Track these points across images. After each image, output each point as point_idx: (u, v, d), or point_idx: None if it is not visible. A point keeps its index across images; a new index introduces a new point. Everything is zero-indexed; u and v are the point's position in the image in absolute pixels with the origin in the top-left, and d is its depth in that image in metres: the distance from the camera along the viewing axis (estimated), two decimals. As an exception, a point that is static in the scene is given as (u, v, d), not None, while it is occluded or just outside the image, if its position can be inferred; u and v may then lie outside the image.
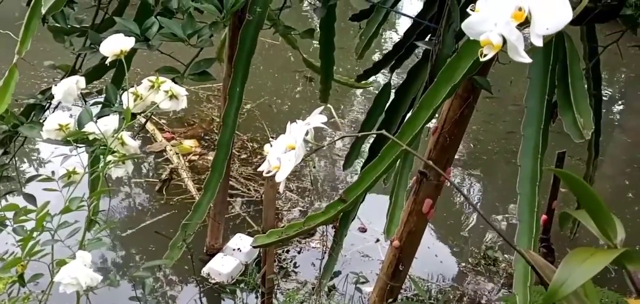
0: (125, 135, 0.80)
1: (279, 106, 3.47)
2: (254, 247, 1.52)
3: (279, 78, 3.78)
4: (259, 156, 2.82)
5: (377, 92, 1.51)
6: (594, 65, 1.20)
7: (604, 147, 3.30)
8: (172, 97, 0.82)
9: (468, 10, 0.65)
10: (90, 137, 0.79)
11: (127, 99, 0.78)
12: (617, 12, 0.97)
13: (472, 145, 3.29)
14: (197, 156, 2.87)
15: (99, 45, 1.41)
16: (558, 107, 0.97)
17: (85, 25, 1.47)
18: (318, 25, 1.66)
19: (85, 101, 1.50)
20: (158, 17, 1.22)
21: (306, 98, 3.54)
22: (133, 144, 0.80)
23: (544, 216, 1.79)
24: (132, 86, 0.89)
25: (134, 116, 0.81)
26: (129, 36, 1.25)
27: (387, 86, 1.46)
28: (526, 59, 0.56)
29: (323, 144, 0.83)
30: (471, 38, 0.63)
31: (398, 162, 1.27)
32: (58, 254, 0.78)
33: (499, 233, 2.11)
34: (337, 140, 2.38)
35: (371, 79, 1.71)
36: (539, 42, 0.55)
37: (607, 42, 1.06)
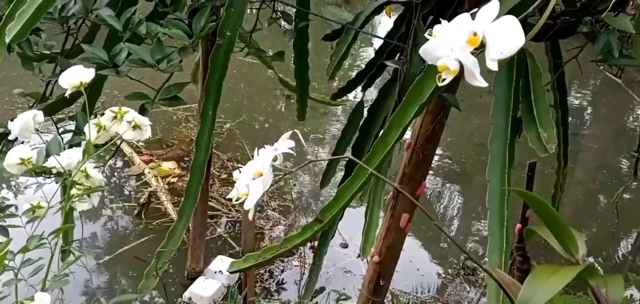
0: (90, 167, 0.79)
1: (260, 124, 3.47)
2: (231, 272, 1.51)
3: (259, 96, 3.78)
4: (238, 176, 2.81)
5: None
6: (559, 78, 1.23)
7: (574, 154, 3.37)
8: (136, 127, 0.81)
9: (425, 35, 0.67)
10: (54, 171, 0.78)
11: (89, 131, 0.78)
12: (575, 28, 0.99)
13: (449, 155, 3.33)
14: (177, 178, 2.85)
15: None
16: (523, 123, 0.99)
17: (56, 52, 1.45)
18: (292, 46, 1.68)
19: (57, 128, 1.49)
20: (127, 43, 1.22)
21: (286, 116, 3.55)
22: (98, 177, 0.80)
23: (518, 225, 1.82)
24: (103, 114, 0.88)
25: (97, 147, 0.80)
26: (98, 63, 1.25)
27: (360, 104, 1.48)
28: (482, 83, 0.57)
29: (292, 169, 0.83)
30: (429, 63, 0.64)
31: (372, 180, 1.28)
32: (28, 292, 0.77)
33: (468, 256, 2.13)
34: (304, 166, 2.38)
35: (350, 96, 1.73)
36: (494, 67, 0.57)
37: (569, 56, 1.09)
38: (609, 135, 4.10)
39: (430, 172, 2.52)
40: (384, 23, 1.40)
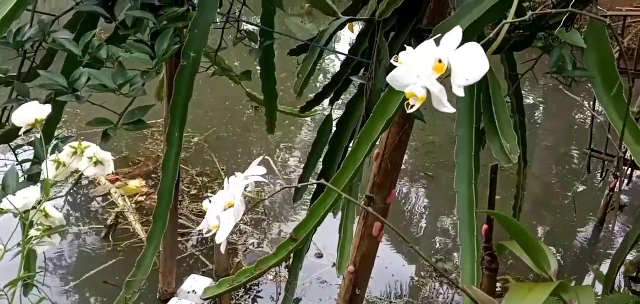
0: (49, 207, 0.76)
1: (229, 136, 3.44)
2: (204, 300, 1.49)
3: (227, 107, 3.75)
4: (209, 191, 2.78)
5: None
6: (516, 86, 1.26)
7: (531, 151, 3.48)
8: (98, 163, 0.80)
9: (392, 61, 0.68)
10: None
11: (46, 170, 0.76)
12: (530, 42, 1.03)
13: (416, 158, 3.38)
14: (145, 196, 2.80)
15: (27, 97, 1.35)
16: (486, 134, 1.02)
17: (12, 75, 1.41)
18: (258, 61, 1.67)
19: (16, 155, 1.44)
20: (87, 68, 1.19)
21: (255, 126, 3.53)
22: (58, 216, 0.77)
23: (485, 226, 1.87)
24: (61, 149, 0.86)
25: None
26: (56, 89, 1.22)
27: (329, 118, 1.49)
28: (450, 109, 0.59)
29: (264, 198, 0.83)
30: (398, 95, 0.65)
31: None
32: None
33: (442, 273, 2.18)
34: (276, 193, 2.37)
35: (319, 107, 1.73)
36: (460, 93, 0.58)
37: (524, 67, 1.12)
38: (561, 131, 4.24)
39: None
40: (347, 35, 1.41)
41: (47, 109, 0.79)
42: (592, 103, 2.78)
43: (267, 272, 1.21)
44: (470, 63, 0.57)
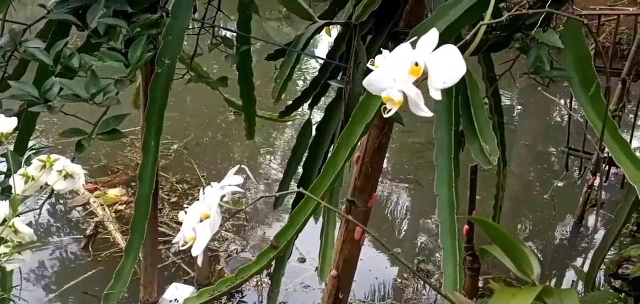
0: (18, 222, 0.74)
1: (208, 141, 3.40)
2: (185, 312, 1.46)
3: (206, 112, 3.71)
4: (190, 198, 2.74)
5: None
6: (493, 86, 1.26)
7: (509, 150, 3.52)
8: (67, 176, 0.77)
9: (368, 65, 0.67)
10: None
11: (14, 185, 0.73)
12: (507, 43, 1.03)
13: (396, 159, 3.39)
14: (124, 205, 2.75)
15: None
16: (465, 136, 1.02)
17: (-18, 85, 1.37)
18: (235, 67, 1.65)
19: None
20: (59, 77, 1.16)
21: (235, 131, 3.49)
22: (27, 232, 0.74)
23: (466, 227, 1.88)
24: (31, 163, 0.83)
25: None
26: (28, 99, 1.18)
27: (308, 122, 1.47)
28: (427, 113, 0.58)
29: (242, 207, 0.81)
30: (377, 99, 0.64)
31: (325, 200, 1.27)
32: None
33: (423, 279, 2.18)
34: (255, 202, 2.35)
35: (299, 111, 1.72)
36: (437, 96, 0.57)
37: (502, 67, 1.13)
38: (538, 130, 4.30)
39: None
40: (326, 38, 1.40)
41: (12, 122, 0.76)
42: (568, 102, 2.82)
43: (248, 280, 1.19)
44: (447, 65, 0.56)
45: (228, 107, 2.10)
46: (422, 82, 0.60)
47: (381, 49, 0.64)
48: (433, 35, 0.59)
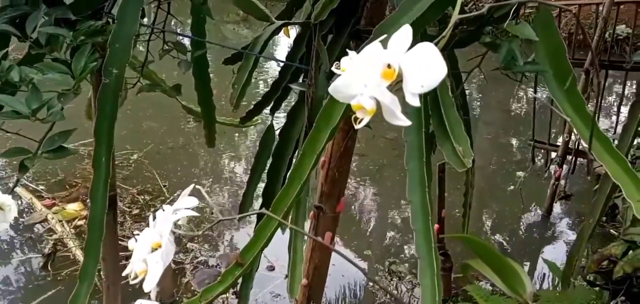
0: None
1: (169, 150, 3.27)
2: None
3: (166, 120, 3.57)
4: (152, 209, 2.63)
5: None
6: (457, 83, 1.23)
7: (473, 141, 3.53)
8: (-5, 210, 0.68)
9: (333, 69, 0.60)
10: None
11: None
12: (475, 37, 0.98)
13: (360, 157, 3.35)
14: (84, 220, 2.61)
15: None
16: (436, 138, 0.97)
17: None
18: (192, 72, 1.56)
19: None
20: (-1, 93, 1.05)
21: (196, 138, 3.37)
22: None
23: (436, 225, 1.86)
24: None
25: None
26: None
27: (270, 129, 1.41)
28: (405, 122, 0.52)
29: (198, 232, 0.73)
30: (342, 102, 0.58)
31: (292, 211, 1.21)
32: None
33: (397, 299, 2.15)
34: (212, 225, 2.26)
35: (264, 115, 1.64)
36: (414, 102, 0.52)
37: (470, 65, 1.08)
38: (499, 122, 4.34)
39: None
40: (286, 39, 1.34)
41: None
42: (532, 93, 2.83)
43: (214, 301, 1.12)
44: (425, 67, 0.51)
45: (187, 115, 2.00)
46: (395, 86, 0.54)
47: (344, 49, 0.58)
48: (406, 32, 0.53)
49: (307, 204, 1.32)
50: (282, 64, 1.41)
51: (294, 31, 1.33)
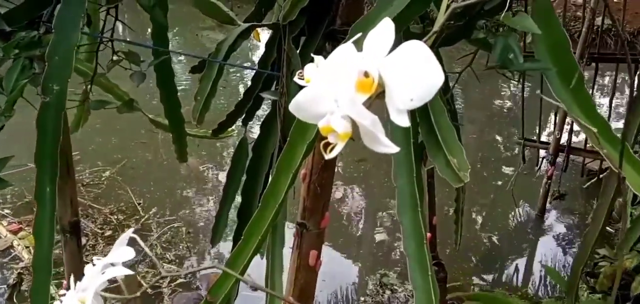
0: None
1: (143, 165, 3.08)
2: None
3: (142, 133, 3.40)
4: (125, 229, 2.47)
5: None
6: (445, 87, 1.11)
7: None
8: None
9: (296, 79, 0.48)
10: None
11: None
12: (465, 34, 0.86)
13: (359, 163, 3.23)
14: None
15: None
16: (426, 149, 0.84)
17: None
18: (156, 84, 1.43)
19: None
20: None
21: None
22: None
23: (428, 234, 1.76)
24: None
25: None
26: None
27: (242, 143, 1.27)
28: (392, 148, 0.39)
29: (134, 295, 0.59)
30: (306, 122, 0.45)
31: (268, 238, 1.08)
32: None
33: None
34: (156, 280, 2.10)
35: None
36: (402, 121, 0.39)
37: (460, 64, 0.96)
38: (483, 119, 4.25)
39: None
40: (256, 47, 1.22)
41: None
42: (519, 90, 2.73)
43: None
44: (414, 73, 0.38)
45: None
46: (375, 100, 0.41)
47: (320, 52, 0.45)
48: (386, 28, 0.41)
49: (285, 228, 1.19)
50: (254, 71, 1.28)
51: (266, 34, 1.20)
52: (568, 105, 0.82)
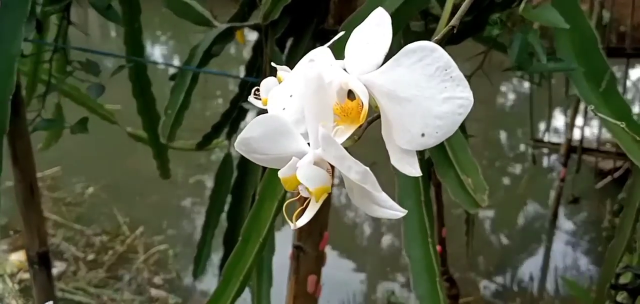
0: None
1: (129, 181, 2.90)
2: None
3: (131, 146, 3.24)
4: (110, 251, 2.32)
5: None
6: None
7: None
8: None
9: (251, 99, 0.35)
10: None
11: None
12: (476, 29, 0.74)
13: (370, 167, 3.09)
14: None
15: None
16: (434, 165, 0.72)
17: None
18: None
19: None
20: None
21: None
22: None
23: (438, 247, 1.64)
24: None
25: None
26: None
27: (227, 159, 1.15)
28: (396, 212, 0.27)
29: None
30: (261, 165, 0.33)
31: (254, 273, 0.95)
32: None
33: None
34: None
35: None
36: (411, 168, 0.27)
37: (473, 63, 0.83)
38: (488, 118, 4.11)
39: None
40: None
41: None
42: (521, 86, 2.61)
43: None
44: (428, 94, 0.26)
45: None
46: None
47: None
48: (379, 21, 0.29)
49: (272, 263, 1.06)
50: (240, 79, 1.16)
51: (252, 37, 1.08)
52: (598, 110, 0.70)
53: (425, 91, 0.25)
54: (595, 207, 2.53)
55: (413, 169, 0.25)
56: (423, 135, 0.25)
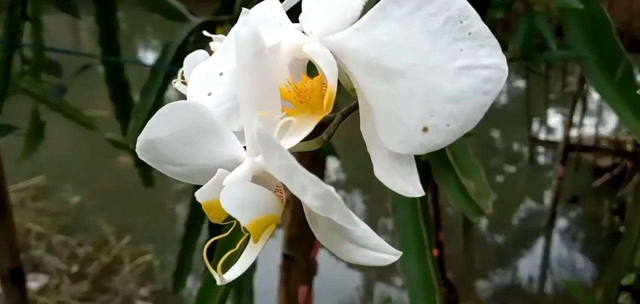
0: None
1: (116, 190, 2.82)
2: None
3: (110, 156, 3.14)
4: (95, 263, 2.23)
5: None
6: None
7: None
8: None
9: (175, 85, 0.28)
10: None
11: None
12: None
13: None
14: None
15: None
16: (432, 169, 0.65)
17: None
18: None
19: None
20: None
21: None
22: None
23: (435, 251, 1.58)
24: None
25: None
26: None
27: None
28: (385, 254, 0.20)
29: None
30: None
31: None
32: None
33: None
34: None
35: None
36: (406, 184, 0.19)
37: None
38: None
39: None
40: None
41: None
42: (524, 82, 2.55)
43: None
44: (438, 61, 0.18)
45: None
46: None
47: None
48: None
49: (253, 281, 0.99)
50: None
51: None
52: (612, 103, 0.63)
53: (428, 58, 0.17)
54: (593, 205, 2.48)
55: (409, 186, 0.18)
56: (425, 129, 0.18)
